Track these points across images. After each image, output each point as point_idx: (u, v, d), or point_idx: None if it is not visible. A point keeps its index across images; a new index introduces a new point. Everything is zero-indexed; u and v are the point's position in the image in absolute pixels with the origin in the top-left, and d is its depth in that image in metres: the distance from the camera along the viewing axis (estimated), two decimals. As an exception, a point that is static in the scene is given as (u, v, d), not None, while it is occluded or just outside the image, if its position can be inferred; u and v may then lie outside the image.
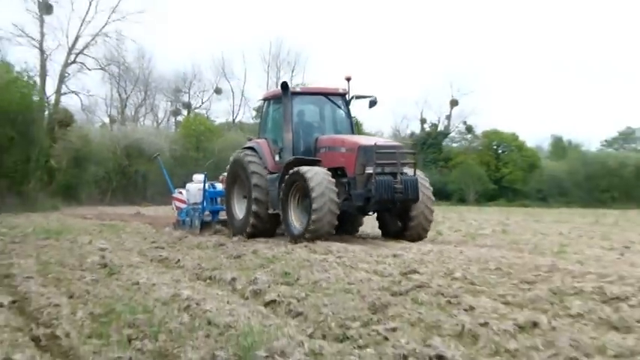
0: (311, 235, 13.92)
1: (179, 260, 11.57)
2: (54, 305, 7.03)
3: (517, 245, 14.91)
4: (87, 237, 15.64)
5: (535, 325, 6.30)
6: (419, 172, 15.41)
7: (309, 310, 7.05)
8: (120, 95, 62.50)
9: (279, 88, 15.67)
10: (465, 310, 7.03)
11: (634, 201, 50.60)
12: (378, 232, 16.51)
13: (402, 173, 14.55)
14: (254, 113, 62.01)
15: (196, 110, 65.38)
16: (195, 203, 18.74)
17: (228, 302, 7.55)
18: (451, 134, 68.25)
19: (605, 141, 68.99)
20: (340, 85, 16.90)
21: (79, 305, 7.21)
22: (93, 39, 50.18)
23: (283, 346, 5.40)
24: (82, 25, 49.60)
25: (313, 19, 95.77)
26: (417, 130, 68.61)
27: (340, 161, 14.95)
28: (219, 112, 66.55)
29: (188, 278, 9.73)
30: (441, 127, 67.87)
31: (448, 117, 67.81)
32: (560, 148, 64.08)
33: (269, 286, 8.53)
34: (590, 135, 66.63)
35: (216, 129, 57.33)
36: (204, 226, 18.07)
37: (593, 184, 54.65)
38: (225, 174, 18.04)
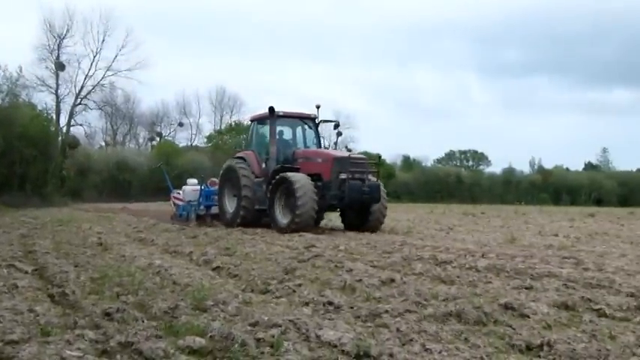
0: (296, 227, 12.64)
1: (153, 240, 11.25)
2: (64, 272, 6.75)
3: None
4: (88, 224, 15.09)
5: (392, 280, 6.36)
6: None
7: (242, 273, 6.96)
8: (112, 127, 61.35)
9: (267, 111, 14.37)
10: (347, 271, 7.05)
11: (455, 198, 52.22)
12: (340, 225, 14.94)
13: (368, 179, 13.66)
14: (206, 140, 61.76)
15: (166, 137, 64.68)
16: (190, 201, 16.91)
17: (187, 268, 7.38)
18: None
19: (437, 159, 71.06)
20: (312, 112, 15.75)
21: (82, 272, 6.94)
22: (93, 88, 49.37)
23: (225, 297, 5.31)
24: (85, 79, 48.60)
25: (246, 72, 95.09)
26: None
27: (317, 169, 13.68)
28: (181, 139, 65.63)
29: (159, 252, 9.47)
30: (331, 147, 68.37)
31: (336, 143, 68.40)
32: (407, 163, 65.37)
33: (215, 257, 8.38)
34: (428, 154, 68.64)
35: (180, 150, 56.41)
36: (199, 218, 16.47)
37: (429, 187, 56.03)
38: (213, 178, 17.17)
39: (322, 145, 16.31)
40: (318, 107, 15.69)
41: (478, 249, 9.74)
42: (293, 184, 12.82)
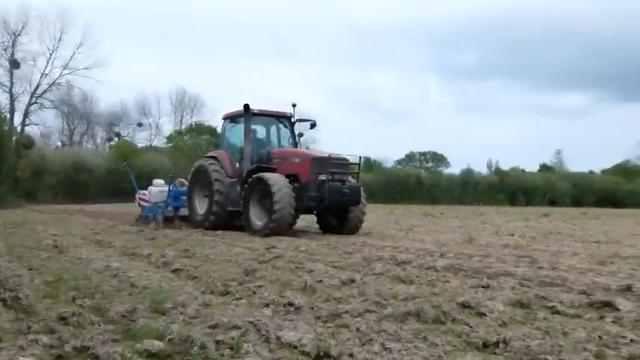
0: (271, 230, 12.07)
1: (111, 242, 11.02)
2: (17, 275, 6.57)
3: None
4: (42, 226, 14.73)
5: (352, 281, 6.38)
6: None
7: (202, 275, 6.89)
8: (69, 126, 59.86)
9: (242, 109, 13.73)
10: (307, 272, 7.05)
11: (415, 199, 52.72)
12: (314, 227, 14.54)
13: (348, 181, 13.19)
14: (165, 141, 60.81)
15: (124, 137, 63.64)
16: (157, 202, 16.08)
17: (145, 270, 7.26)
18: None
19: (397, 160, 71.65)
20: (288, 110, 15.03)
21: (36, 275, 6.76)
22: (49, 87, 48.00)
23: (184, 299, 5.25)
24: (41, 77, 47.19)
25: (206, 73, 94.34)
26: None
27: (294, 169, 13.03)
28: (140, 139, 64.67)
29: (117, 254, 9.29)
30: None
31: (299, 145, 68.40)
32: (369, 164, 65.86)
33: (174, 259, 8.26)
34: (388, 156, 69.12)
35: (139, 151, 55.50)
36: (166, 220, 15.52)
37: (390, 188, 56.36)
38: (181, 179, 16.53)
39: (298, 144, 15.56)
40: (294, 106, 15.08)
41: (437, 249, 9.88)
42: (270, 186, 12.22)
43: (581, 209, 40.29)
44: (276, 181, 12.32)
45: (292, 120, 15.12)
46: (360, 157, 13.79)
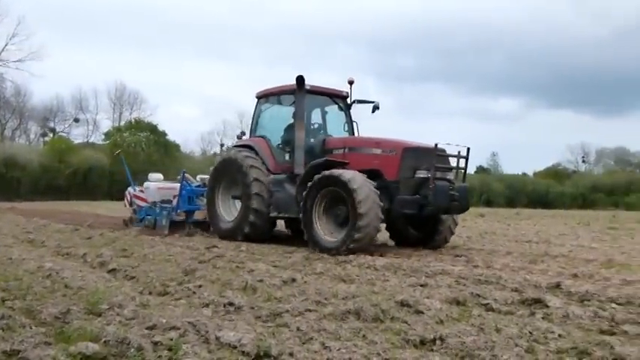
0: (350, 251, 8.83)
1: (44, 241, 10.60)
2: (-59, 277, 6.24)
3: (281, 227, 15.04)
4: (-30, 225, 14.07)
5: (293, 280, 6.39)
6: None
7: (140, 275, 6.73)
8: (0, 121, 57.52)
9: (295, 83, 10.33)
10: (248, 271, 7.02)
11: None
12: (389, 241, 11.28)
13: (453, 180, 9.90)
14: (104, 137, 59.01)
15: (60, 133, 61.62)
16: (155, 202, 13.24)
17: (80, 271, 7.02)
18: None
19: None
20: (343, 89, 11.66)
21: (-38, 276, 6.44)
22: (-22, 79, 45.91)
23: (121, 300, 5.11)
24: (-31, 69, 45.22)
25: (147, 70, 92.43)
26: (218, 151, 69.18)
27: (374, 164, 9.70)
28: (77, 135, 62.81)
29: (50, 254, 8.95)
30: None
31: (227, 146, 68.26)
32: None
33: (111, 259, 8.02)
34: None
35: (75, 147, 53.79)
36: (174, 226, 12.48)
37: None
38: (182, 173, 13.18)
39: (354, 131, 11.86)
40: (351, 83, 11.61)
41: (377, 248, 9.99)
42: (352, 190, 8.85)
43: (515, 210, 41.70)
44: (361, 184, 8.95)
45: (349, 101, 11.79)
46: (469, 149, 10.01)
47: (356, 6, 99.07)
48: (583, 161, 74.74)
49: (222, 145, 65.86)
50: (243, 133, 13.45)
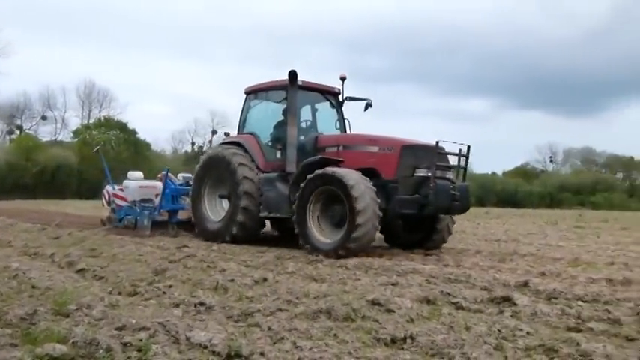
0: (348, 252, 8.46)
1: (10, 240, 10.36)
2: None
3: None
4: None
5: (265, 279, 6.38)
6: None
7: (109, 274, 6.63)
8: (-36, 119, 56.45)
9: (287, 78, 9.95)
10: (220, 271, 6.98)
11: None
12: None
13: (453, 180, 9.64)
14: (72, 135, 58.27)
15: (27, 131, 60.46)
16: (135, 202, 12.64)
17: (48, 271, 6.89)
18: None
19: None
20: (336, 85, 11.31)
21: None
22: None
23: (89, 300, 5.03)
24: None
25: (117, 68, 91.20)
26: (189, 150, 68.77)
27: (371, 162, 9.33)
28: (45, 133, 61.82)
29: (17, 254, 8.76)
30: (205, 148, 67.74)
31: (210, 141, 67.90)
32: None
33: (80, 258, 7.89)
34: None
35: (43, 145, 52.85)
36: (156, 226, 12.07)
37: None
38: (165, 172, 12.68)
39: (346, 129, 11.48)
40: (343, 79, 11.25)
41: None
42: (348, 188, 8.47)
43: (484, 209, 42.24)
44: (357, 181, 8.60)
45: (341, 98, 11.48)
46: (469, 147, 9.65)
47: (329, 7, 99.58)
48: (551, 161, 76.26)
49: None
50: (227, 134, 13.14)
